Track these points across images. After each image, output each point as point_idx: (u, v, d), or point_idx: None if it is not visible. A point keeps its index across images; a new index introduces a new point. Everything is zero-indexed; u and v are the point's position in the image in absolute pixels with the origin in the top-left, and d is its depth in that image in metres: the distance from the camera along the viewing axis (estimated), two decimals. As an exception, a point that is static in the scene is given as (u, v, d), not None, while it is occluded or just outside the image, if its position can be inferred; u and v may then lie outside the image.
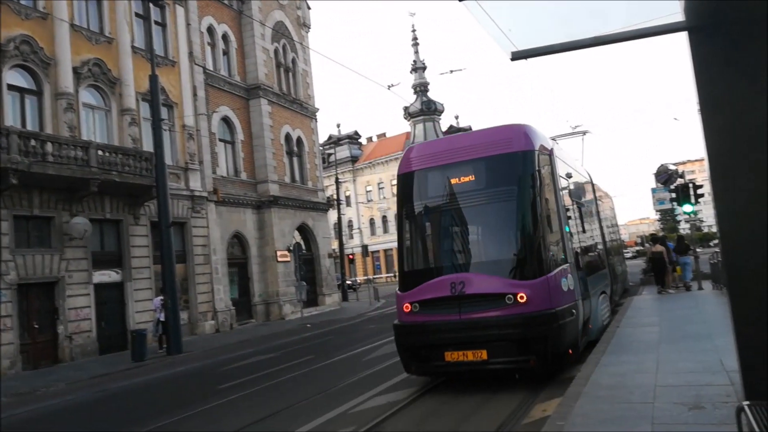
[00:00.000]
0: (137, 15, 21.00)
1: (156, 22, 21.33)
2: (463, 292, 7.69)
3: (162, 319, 16.87)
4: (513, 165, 8.27)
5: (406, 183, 8.94)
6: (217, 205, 23.32)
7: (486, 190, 8.36)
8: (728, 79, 3.79)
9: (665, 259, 17.05)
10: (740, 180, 3.77)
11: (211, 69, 24.59)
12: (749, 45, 3.71)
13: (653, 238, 19.11)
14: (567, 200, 9.44)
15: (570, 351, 8.00)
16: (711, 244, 57.72)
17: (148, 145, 19.26)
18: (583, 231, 10.80)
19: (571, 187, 10.00)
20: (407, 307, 8.16)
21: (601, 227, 13.94)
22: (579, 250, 9.71)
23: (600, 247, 13.01)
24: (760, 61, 3.69)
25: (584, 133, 14.87)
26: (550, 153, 8.99)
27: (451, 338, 7.72)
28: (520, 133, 8.50)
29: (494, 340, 7.54)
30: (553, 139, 11.66)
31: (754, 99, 3.71)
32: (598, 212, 13.85)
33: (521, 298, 7.46)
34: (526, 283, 7.62)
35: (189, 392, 10.93)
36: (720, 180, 3.84)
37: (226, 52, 26.08)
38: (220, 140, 24.91)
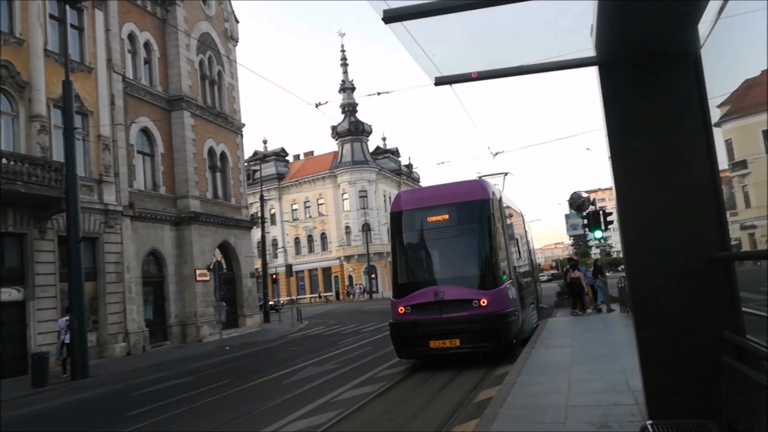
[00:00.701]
0: (52, 17, 19.89)
1: (72, 26, 20.29)
2: (442, 298, 10.71)
3: (67, 341, 15.77)
4: (475, 209, 11.49)
5: (398, 219, 12.01)
6: (132, 220, 22.25)
7: (457, 226, 11.53)
8: (632, 111, 4.05)
9: (582, 283, 18.23)
10: (643, 206, 4.00)
11: (131, 78, 23.63)
12: (652, 79, 4.00)
13: (572, 265, 19.96)
14: (509, 234, 12.73)
15: (514, 341, 11.15)
16: (620, 268, 61.02)
17: (58, 155, 18.15)
18: (519, 257, 14.44)
19: (511, 222, 13.17)
20: (401, 310, 11.13)
21: (529, 253, 17.62)
22: (518, 271, 13.01)
23: (529, 269, 16.58)
24: (660, 94, 3.98)
25: (506, 174, 17.52)
26: (500, 200, 12.28)
27: (434, 331, 10.62)
28: (479, 186, 12.00)
29: (464, 332, 10.51)
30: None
31: (655, 129, 3.98)
32: (527, 242, 17.46)
33: (483, 302, 10.59)
34: (486, 292, 10.75)
35: (94, 420, 10.23)
36: (625, 206, 4.05)
37: (147, 61, 25.17)
38: (139, 152, 23.88)
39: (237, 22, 32.12)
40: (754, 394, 3.09)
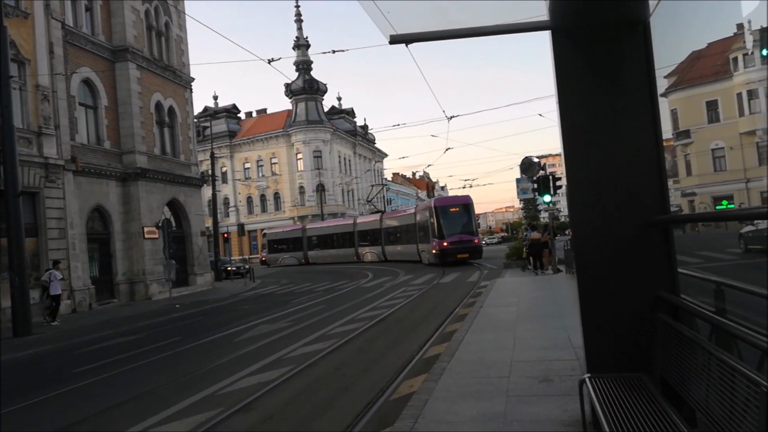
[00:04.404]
0: (-18, -45, 18.47)
1: (6, -34, 18.93)
2: (461, 239, 29.72)
3: (55, 292, 17.05)
4: (469, 206, 31.63)
5: (436, 209, 30.66)
6: (75, 175, 21.40)
7: (462, 212, 31.19)
8: (582, 77, 4.12)
9: (541, 244, 19.04)
10: (589, 171, 4.12)
11: (72, 25, 22.34)
12: (601, 46, 4.07)
13: (532, 226, 20.60)
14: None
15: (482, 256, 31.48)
16: (566, 232, 62.93)
17: (-7, 105, 17.14)
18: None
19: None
20: (445, 244, 29.45)
21: None
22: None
23: None
24: (609, 62, 4.06)
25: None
26: (472, 202, 32.06)
27: (458, 251, 29.51)
28: (468, 197, 32.02)
29: (469, 251, 30.02)
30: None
31: (603, 96, 4.08)
32: None
33: (476, 241, 30.99)
34: (475, 237, 31.20)
35: (37, 377, 10.00)
36: (572, 170, 4.16)
37: (89, 8, 23.81)
38: (81, 104, 22.81)
39: (186, -31, 30.59)
40: (686, 350, 3.30)
